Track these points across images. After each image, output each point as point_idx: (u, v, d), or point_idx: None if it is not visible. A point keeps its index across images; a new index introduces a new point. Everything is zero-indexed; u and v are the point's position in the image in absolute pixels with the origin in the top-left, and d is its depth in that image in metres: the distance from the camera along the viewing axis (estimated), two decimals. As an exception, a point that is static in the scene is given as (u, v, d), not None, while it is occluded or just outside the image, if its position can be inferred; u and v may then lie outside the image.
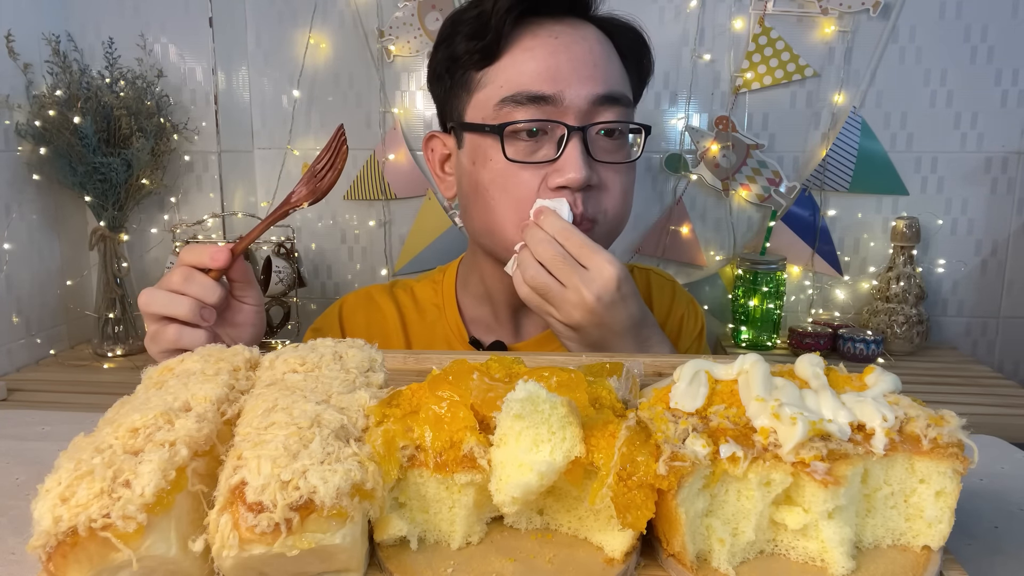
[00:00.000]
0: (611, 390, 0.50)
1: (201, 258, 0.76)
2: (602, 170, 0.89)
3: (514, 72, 0.88)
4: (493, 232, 0.92)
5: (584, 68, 0.87)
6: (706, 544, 0.46)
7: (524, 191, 0.87)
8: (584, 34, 0.90)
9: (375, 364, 0.55)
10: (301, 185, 0.77)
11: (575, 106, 0.86)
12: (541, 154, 0.88)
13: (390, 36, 1.71)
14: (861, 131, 1.65)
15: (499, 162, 0.88)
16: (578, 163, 0.85)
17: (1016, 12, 1.60)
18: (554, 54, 0.87)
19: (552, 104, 0.86)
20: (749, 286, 1.66)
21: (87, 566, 0.38)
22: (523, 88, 0.86)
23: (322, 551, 0.40)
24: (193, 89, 1.65)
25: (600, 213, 0.90)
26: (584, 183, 0.85)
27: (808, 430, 0.44)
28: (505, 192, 0.88)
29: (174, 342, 0.75)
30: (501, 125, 0.87)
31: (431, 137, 1.02)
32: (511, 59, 0.88)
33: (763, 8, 1.63)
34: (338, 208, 1.82)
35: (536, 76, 0.86)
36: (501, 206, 0.89)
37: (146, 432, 0.43)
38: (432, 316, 1.06)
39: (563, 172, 0.85)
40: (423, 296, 1.08)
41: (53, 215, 1.62)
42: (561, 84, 0.86)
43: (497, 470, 0.45)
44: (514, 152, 0.88)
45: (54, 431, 0.76)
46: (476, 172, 0.91)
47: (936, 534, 0.47)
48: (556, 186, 0.86)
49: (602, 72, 0.89)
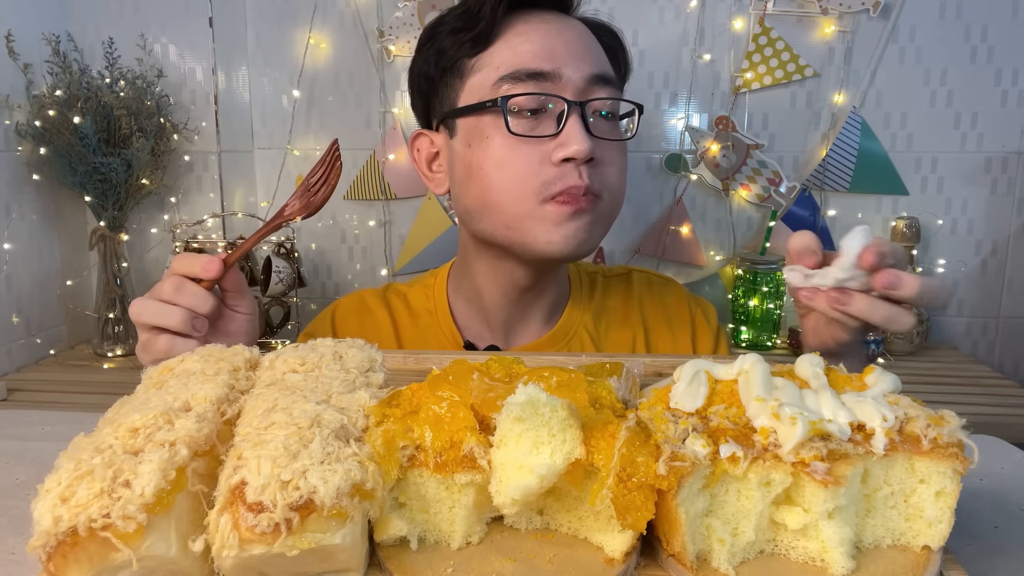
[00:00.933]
0: (611, 390, 0.50)
1: (193, 268, 0.75)
2: (601, 147, 0.90)
3: (510, 53, 0.89)
4: (490, 209, 0.90)
5: (577, 49, 0.90)
6: (706, 544, 0.46)
7: (524, 167, 0.87)
8: (571, 24, 0.93)
9: (375, 364, 0.55)
10: (295, 198, 0.77)
11: (572, 83, 0.87)
12: (541, 130, 0.88)
13: (390, 36, 1.71)
14: (861, 131, 1.65)
15: (498, 140, 0.88)
16: (581, 135, 0.86)
17: (1016, 12, 1.60)
18: (548, 36, 0.89)
19: (550, 80, 0.87)
20: (749, 286, 1.66)
21: (87, 566, 0.38)
22: (522, 66, 0.88)
23: (322, 551, 0.40)
24: (193, 89, 1.65)
25: (605, 188, 0.90)
26: (589, 154, 0.86)
27: (808, 430, 0.44)
28: (503, 168, 0.88)
29: (165, 352, 0.74)
30: (505, 98, 0.87)
31: (416, 136, 1.03)
32: (506, 42, 0.90)
33: (763, 8, 1.63)
34: (338, 208, 1.82)
35: (534, 55, 0.88)
36: (499, 182, 0.88)
37: (146, 432, 0.43)
38: (425, 321, 1.05)
39: (567, 145, 0.86)
40: (416, 301, 1.08)
41: (53, 215, 1.62)
42: (558, 62, 0.87)
43: (497, 472, 0.45)
44: (516, 128, 0.88)
45: (54, 431, 0.76)
46: (472, 154, 0.91)
47: (936, 534, 0.47)
48: (561, 159, 0.86)
49: (593, 54, 0.91)
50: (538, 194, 0.87)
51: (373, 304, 1.07)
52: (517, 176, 0.87)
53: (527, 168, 0.87)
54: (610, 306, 1.08)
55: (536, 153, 0.87)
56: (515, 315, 1.02)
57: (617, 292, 1.10)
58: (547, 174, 0.86)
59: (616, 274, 1.13)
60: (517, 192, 0.88)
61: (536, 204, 0.87)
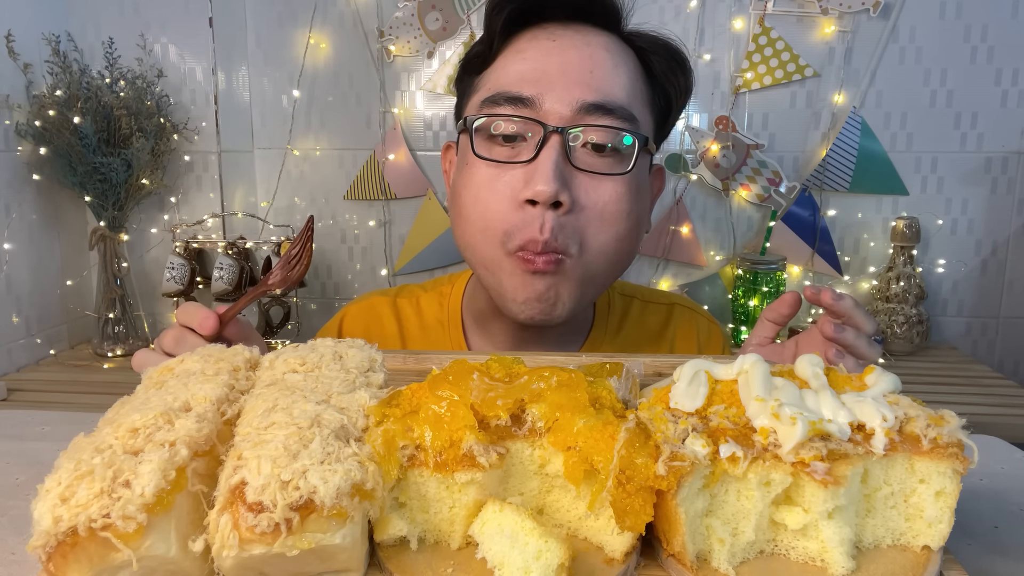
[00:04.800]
0: (611, 390, 0.50)
1: (192, 321, 0.73)
2: (583, 188, 0.76)
3: (502, 74, 0.80)
4: (469, 247, 0.82)
5: (575, 73, 0.77)
6: (706, 544, 0.46)
7: (495, 206, 0.77)
8: (588, 39, 0.80)
9: (375, 364, 0.55)
10: (278, 269, 0.77)
11: (556, 111, 0.76)
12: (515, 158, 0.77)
13: (390, 36, 1.71)
14: (861, 131, 1.65)
15: (474, 167, 0.79)
16: (549, 171, 0.73)
17: (1016, 12, 1.60)
18: (545, 57, 0.78)
19: (529, 107, 0.76)
20: (749, 286, 1.66)
21: (87, 566, 0.38)
22: (502, 88, 0.78)
23: (322, 551, 0.40)
24: (193, 89, 1.65)
25: (577, 243, 0.76)
26: (554, 197, 0.73)
27: (808, 430, 0.44)
28: (477, 204, 0.78)
29: None
30: (473, 120, 0.78)
31: (447, 148, 0.94)
32: (503, 61, 0.81)
33: (763, 8, 1.63)
34: (338, 208, 1.82)
35: (519, 77, 0.78)
36: (473, 217, 0.79)
37: (146, 432, 0.43)
38: (436, 335, 0.97)
39: (531, 182, 0.74)
40: (428, 310, 0.99)
41: (53, 215, 1.62)
42: (543, 87, 0.76)
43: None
44: (488, 155, 0.78)
45: (54, 431, 0.76)
46: (458, 180, 0.83)
47: (936, 534, 0.47)
48: (523, 199, 0.74)
49: (598, 79, 0.77)
50: (503, 244, 0.77)
51: (382, 311, 1.00)
52: (488, 215, 0.78)
53: (496, 208, 0.77)
54: (640, 336, 0.96)
55: (508, 190, 0.76)
56: (526, 346, 0.91)
57: (653, 323, 0.98)
58: (511, 220, 0.76)
59: (657, 302, 1.00)
60: (488, 233, 0.78)
61: (503, 254, 0.77)
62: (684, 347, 0.97)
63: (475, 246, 0.81)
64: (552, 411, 0.46)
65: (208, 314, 0.73)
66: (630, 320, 0.97)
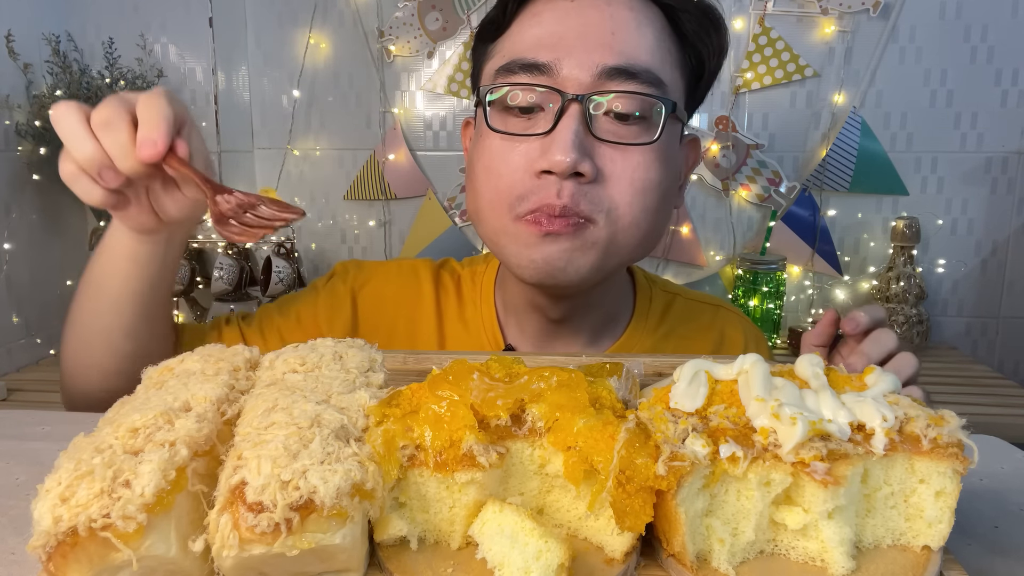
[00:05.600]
0: (611, 390, 0.50)
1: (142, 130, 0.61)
2: (608, 157, 0.72)
3: (517, 39, 0.75)
4: (476, 217, 0.80)
5: (595, 35, 0.72)
6: (706, 544, 0.46)
7: (507, 176, 0.74)
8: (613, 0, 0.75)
9: (375, 364, 0.55)
10: (237, 206, 0.66)
11: (574, 77, 0.71)
12: (531, 130, 0.73)
13: (390, 36, 1.71)
14: (861, 131, 1.65)
15: (488, 141, 0.76)
16: (568, 142, 0.69)
17: (1016, 12, 1.60)
18: (562, 19, 0.73)
19: (546, 74, 0.72)
20: (749, 286, 1.66)
21: (87, 566, 0.38)
22: (517, 56, 0.73)
23: (322, 551, 0.40)
24: (193, 89, 1.65)
25: (602, 210, 0.73)
26: (571, 169, 0.69)
27: (808, 430, 0.44)
28: (489, 174, 0.75)
29: (68, 181, 0.64)
30: (486, 90, 0.74)
31: (466, 125, 0.89)
32: (518, 26, 0.76)
33: (763, 8, 1.63)
34: (338, 208, 1.82)
35: (535, 43, 0.73)
36: (484, 188, 0.76)
37: (146, 432, 0.43)
38: (470, 312, 0.93)
39: (549, 153, 0.70)
40: (465, 286, 0.95)
41: (53, 215, 1.62)
42: (560, 52, 0.72)
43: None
44: (504, 128, 0.74)
45: (54, 431, 0.76)
46: (473, 152, 0.80)
47: (936, 534, 0.47)
48: (539, 171, 0.71)
49: (621, 41, 0.72)
50: (511, 209, 0.74)
51: (424, 276, 0.95)
52: (499, 185, 0.75)
53: (509, 177, 0.74)
54: (682, 333, 0.92)
55: (523, 160, 0.73)
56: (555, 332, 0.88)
57: (696, 321, 0.94)
58: (524, 187, 0.73)
59: (701, 301, 0.97)
60: (496, 203, 0.75)
61: (509, 220, 0.75)
62: (732, 349, 0.93)
63: (483, 217, 0.78)
64: (552, 411, 0.46)
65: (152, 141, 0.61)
66: (672, 316, 0.93)
